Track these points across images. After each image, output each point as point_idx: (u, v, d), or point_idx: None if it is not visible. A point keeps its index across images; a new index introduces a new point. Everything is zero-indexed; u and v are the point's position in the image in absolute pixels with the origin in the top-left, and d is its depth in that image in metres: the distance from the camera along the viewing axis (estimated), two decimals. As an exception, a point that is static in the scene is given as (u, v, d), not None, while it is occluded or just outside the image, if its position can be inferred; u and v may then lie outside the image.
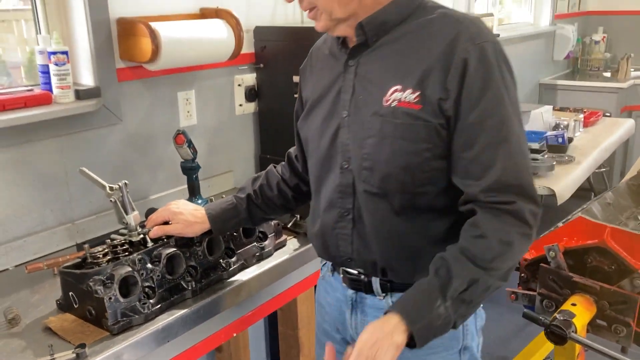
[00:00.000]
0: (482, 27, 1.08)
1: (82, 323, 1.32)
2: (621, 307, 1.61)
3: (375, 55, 1.13)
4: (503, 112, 1.05)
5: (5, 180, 1.61)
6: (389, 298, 1.21)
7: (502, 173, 1.04)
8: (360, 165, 1.13)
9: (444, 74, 1.04)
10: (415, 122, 1.06)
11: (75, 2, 1.70)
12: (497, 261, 1.04)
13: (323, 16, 1.11)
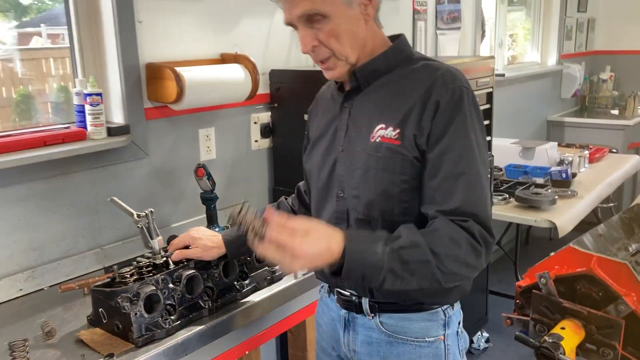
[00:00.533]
0: (457, 74, 1.23)
1: (110, 336, 1.47)
2: (608, 331, 1.71)
3: (366, 98, 1.29)
4: (463, 147, 1.19)
5: (43, 208, 1.79)
6: (377, 318, 1.33)
7: (462, 203, 1.16)
8: (350, 194, 1.29)
9: (420, 114, 1.19)
10: (394, 156, 1.21)
11: (110, 49, 1.90)
12: (443, 250, 1.13)
13: (340, 63, 1.24)
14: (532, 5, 5.02)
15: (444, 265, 1.13)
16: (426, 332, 1.32)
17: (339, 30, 1.20)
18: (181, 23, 2.06)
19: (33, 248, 1.78)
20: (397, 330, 1.33)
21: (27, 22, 2.05)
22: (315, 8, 1.18)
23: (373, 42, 1.27)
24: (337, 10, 1.19)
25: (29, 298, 1.75)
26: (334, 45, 1.22)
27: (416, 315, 1.32)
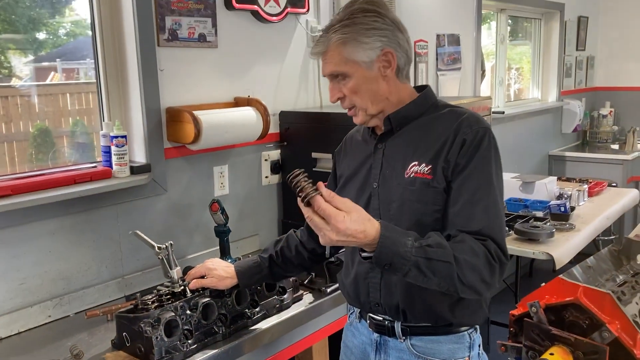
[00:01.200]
0: (479, 118, 1.40)
1: (133, 359, 1.61)
2: (594, 356, 1.83)
3: (398, 139, 1.46)
4: (482, 178, 1.34)
5: (71, 241, 1.95)
6: (409, 340, 1.47)
7: (482, 227, 1.31)
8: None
9: (448, 150, 1.36)
10: (427, 189, 1.37)
11: (134, 95, 2.09)
12: (463, 257, 1.26)
13: (360, 112, 1.43)
14: (532, 44, 5.22)
15: (463, 271, 1.26)
16: (453, 354, 1.46)
17: (359, 88, 1.40)
18: (198, 70, 2.25)
19: (61, 277, 1.94)
20: (426, 352, 1.46)
21: (43, 56, 2.16)
22: (338, 70, 1.39)
23: (398, 95, 1.44)
24: (357, 71, 1.38)
25: (57, 324, 1.90)
26: (354, 98, 1.41)
27: (444, 338, 1.45)
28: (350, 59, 1.37)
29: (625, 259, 2.45)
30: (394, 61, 1.40)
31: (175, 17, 2.13)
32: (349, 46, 1.37)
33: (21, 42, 2.07)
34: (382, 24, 1.38)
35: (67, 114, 2.23)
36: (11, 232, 1.80)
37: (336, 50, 1.38)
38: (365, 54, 1.37)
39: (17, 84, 2.07)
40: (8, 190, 1.75)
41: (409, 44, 1.44)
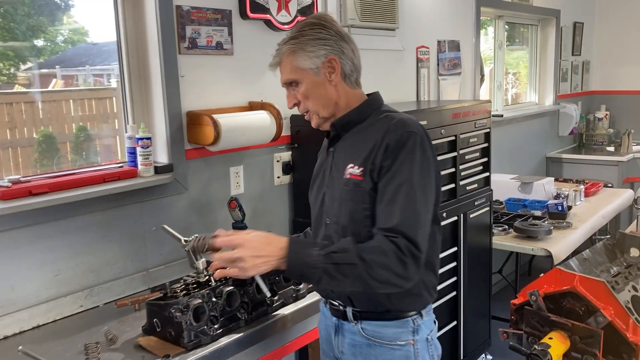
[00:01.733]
0: (408, 122, 1.53)
1: (164, 342, 1.74)
2: (589, 340, 1.97)
3: (343, 143, 1.62)
4: (403, 179, 1.46)
5: (100, 236, 2.08)
6: (359, 324, 1.62)
7: (396, 224, 1.43)
8: (332, 221, 1.60)
9: (375, 154, 1.50)
10: (358, 189, 1.53)
11: (157, 100, 2.23)
12: (370, 257, 1.40)
13: (314, 116, 1.61)
14: (529, 50, 5.38)
15: (373, 270, 1.40)
16: (398, 337, 1.59)
17: (309, 93, 1.57)
18: (216, 76, 2.39)
19: (91, 270, 2.07)
20: (374, 335, 1.61)
21: (42, 63, 2.22)
22: (290, 77, 1.58)
23: (347, 100, 1.60)
24: (306, 78, 1.55)
25: (88, 313, 2.03)
26: (307, 103, 1.59)
27: (390, 323, 1.60)
28: (299, 67, 1.55)
29: (619, 252, 2.59)
30: (338, 67, 1.55)
31: (194, 27, 2.27)
32: (297, 55, 1.54)
33: (20, 49, 2.13)
34: (326, 35, 1.54)
35: (69, 120, 2.30)
36: (47, 227, 1.94)
37: (287, 60, 1.56)
38: (311, 62, 1.54)
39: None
40: (45, 188, 1.88)
41: (355, 53, 1.60)
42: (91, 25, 2.33)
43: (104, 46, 2.44)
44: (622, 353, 1.95)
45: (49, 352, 1.71)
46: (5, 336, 1.84)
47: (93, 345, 1.64)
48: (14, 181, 1.85)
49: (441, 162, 2.86)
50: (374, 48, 3.16)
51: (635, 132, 5.58)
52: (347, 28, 2.95)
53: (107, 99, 2.45)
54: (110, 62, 2.44)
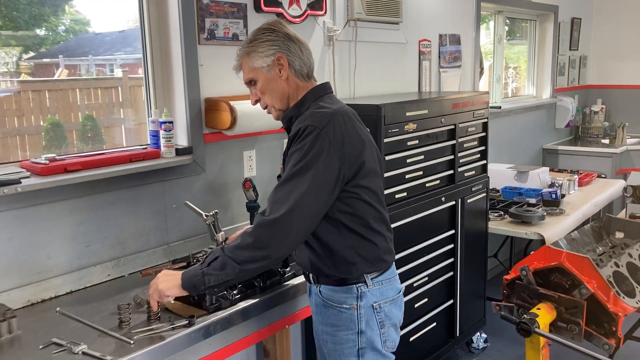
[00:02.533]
0: (315, 117, 1.67)
1: (187, 306, 1.92)
2: (574, 311, 2.16)
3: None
4: (291, 166, 1.64)
5: (126, 211, 2.26)
6: (319, 287, 1.84)
7: (269, 204, 1.67)
8: None
9: (289, 147, 1.70)
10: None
11: (178, 87, 2.40)
12: (231, 245, 1.66)
13: (272, 110, 1.82)
14: (528, 44, 5.54)
15: (235, 253, 1.63)
16: (344, 301, 1.79)
17: (265, 88, 1.79)
18: (232, 66, 2.55)
19: (118, 243, 2.25)
20: (328, 297, 1.82)
21: (44, 53, 2.29)
22: (249, 76, 1.81)
23: (296, 94, 1.80)
24: (260, 75, 1.78)
25: (115, 282, 2.21)
26: (265, 98, 1.81)
27: (338, 288, 1.80)
28: (254, 67, 1.77)
29: (606, 234, 2.78)
30: (286, 63, 1.75)
31: (213, 19, 2.45)
32: (251, 57, 1.77)
33: (23, 38, 2.19)
34: (275, 37, 1.75)
35: (76, 109, 2.40)
36: (80, 202, 2.11)
37: (244, 61, 1.80)
38: (263, 61, 1.75)
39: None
40: (79, 165, 2.06)
41: (302, 52, 1.79)
42: (94, 15, 2.41)
43: (106, 36, 2.54)
44: (603, 322, 2.15)
45: (83, 314, 1.89)
46: (43, 299, 2.03)
47: (125, 306, 1.82)
48: (51, 159, 2.03)
49: (441, 149, 3.03)
50: (378, 41, 3.33)
51: (629, 126, 5.76)
52: (353, 21, 3.13)
53: (113, 89, 2.55)
54: (113, 52, 2.57)
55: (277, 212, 1.62)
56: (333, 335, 1.82)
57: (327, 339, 1.84)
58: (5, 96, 2.21)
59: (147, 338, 1.72)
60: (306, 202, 1.62)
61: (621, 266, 2.33)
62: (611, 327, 2.12)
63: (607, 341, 2.12)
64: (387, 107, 2.63)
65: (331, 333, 1.82)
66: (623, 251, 2.48)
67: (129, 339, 1.70)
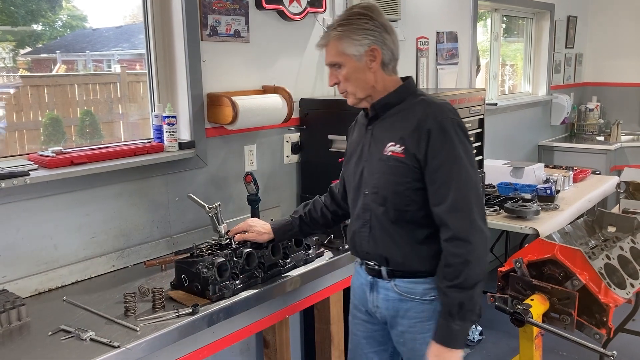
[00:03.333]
0: (444, 108, 1.73)
1: (191, 295, 1.98)
2: (566, 301, 2.22)
3: (382, 123, 1.82)
4: (452, 161, 1.67)
5: (130, 203, 2.32)
6: (393, 281, 1.83)
7: (448, 207, 1.66)
8: (371, 191, 1.81)
9: (417, 137, 1.69)
10: (400, 164, 1.72)
11: (181, 82, 2.45)
12: (466, 277, 1.64)
13: (350, 96, 1.81)
14: (524, 42, 5.60)
15: (473, 277, 1.65)
16: (427, 293, 1.79)
17: (350, 76, 1.76)
18: (233, 62, 2.62)
19: (122, 234, 2.30)
20: (406, 291, 1.81)
21: (41, 48, 2.28)
22: (334, 60, 1.76)
23: (384, 85, 1.79)
24: (349, 62, 1.74)
25: (119, 272, 2.26)
26: (346, 85, 1.78)
27: (421, 280, 1.79)
28: (344, 52, 1.73)
29: (598, 228, 2.85)
30: (379, 56, 1.74)
31: (215, 16, 2.49)
32: (343, 41, 1.72)
33: (19, 33, 2.18)
34: (372, 26, 1.73)
35: (75, 105, 2.40)
36: (85, 194, 2.17)
37: (334, 44, 1.74)
38: (356, 49, 1.72)
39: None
40: (85, 158, 2.11)
41: (395, 44, 1.79)
42: (91, 11, 2.41)
43: (104, 32, 2.57)
44: (594, 313, 2.21)
45: (89, 302, 1.95)
46: (50, 289, 2.08)
47: (131, 294, 1.88)
48: (57, 152, 2.08)
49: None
50: (377, 38, 3.39)
51: (624, 123, 5.84)
52: (352, 19, 3.17)
53: (112, 84, 2.58)
54: (110, 47, 2.60)
55: (475, 217, 1.66)
56: (418, 331, 1.81)
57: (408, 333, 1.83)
58: (4, 91, 2.23)
59: (153, 325, 1.77)
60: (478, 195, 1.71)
61: (612, 259, 2.40)
62: (602, 318, 2.18)
63: (598, 331, 2.18)
64: (386, 103, 2.68)
65: (411, 326, 1.82)
66: (614, 244, 2.55)
67: (134, 326, 1.75)
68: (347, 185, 1.97)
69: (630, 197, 3.62)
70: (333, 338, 2.57)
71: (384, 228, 1.79)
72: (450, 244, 1.66)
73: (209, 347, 1.93)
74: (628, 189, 3.65)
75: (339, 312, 2.56)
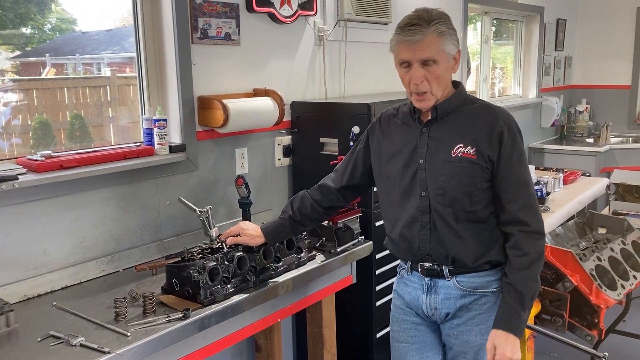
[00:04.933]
0: (507, 113, 1.80)
1: (182, 300, 1.96)
2: (557, 303, 2.23)
3: (442, 125, 1.81)
4: (522, 163, 1.76)
5: (121, 207, 2.30)
6: (454, 278, 1.84)
7: (523, 205, 1.74)
8: (435, 193, 1.80)
9: (489, 139, 1.74)
10: (473, 166, 1.75)
11: (171, 85, 2.44)
12: (539, 267, 1.75)
13: (431, 97, 1.75)
14: (514, 45, 5.63)
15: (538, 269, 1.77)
16: (489, 285, 1.84)
17: (441, 75, 1.74)
18: (224, 64, 2.61)
19: (113, 239, 2.28)
20: (469, 286, 1.84)
21: (31, 52, 2.26)
22: (433, 56, 1.70)
23: (449, 87, 1.82)
24: (445, 61, 1.73)
25: (110, 277, 2.24)
26: (434, 84, 1.73)
27: (483, 273, 1.83)
28: (445, 50, 1.71)
29: (589, 229, 2.86)
30: (458, 62, 1.79)
31: (206, 19, 2.48)
32: (445, 39, 1.71)
33: (8, 36, 2.16)
34: (455, 32, 1.77)
35: (64, 109, 2.37)
36: (75, 198, 2.15)
37: (433, 40, 1.69)
38: (451, 49, 1.73)
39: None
40: (74, 162, 2.09)
41: None
42: (81, 14, 2.39)
43: (94, 35, 2.54)
44: (586, 314, 2.22)
45: (79, 308, 1.93)
46: (39, 294, 2.06)
47: (121, 299, 1.86)
48: (47, 156, 2.06)
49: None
50: (368, 41, 3.39)
51: (613, 125, 5.88)
52: (343, 21, 3.18)
53: (101, 88, 2.56)
54: (100, 51, 2.58)
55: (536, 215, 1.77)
56: (475, 323, 1.84)
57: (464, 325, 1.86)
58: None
59: (143, 330, 1.75)
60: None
61: (603, 260, 2.41)
62: (593, 319, 2.19)
63: (589, 332, 2.19)
64: (377, 105, 2.68)
65: (471, 318, 1.84)
66: (605, 246, 2.56)
67: (125, 331, 1.73)
68: (385, 186, 1.94)
69: (620, 199, 3.64)
70: (325, 342, 2.56)
71: (449, 228, 1.81)
72: (531, 237, 1.74)
73: (200, 351, 1.91)
74: (618, 191, 3.67)
75: (331, 315, 2.55)
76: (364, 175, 2.02)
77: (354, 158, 2.04)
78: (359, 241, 2.53)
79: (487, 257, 1.81)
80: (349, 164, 2.05)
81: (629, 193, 3.72)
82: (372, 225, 2.70)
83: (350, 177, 2.04)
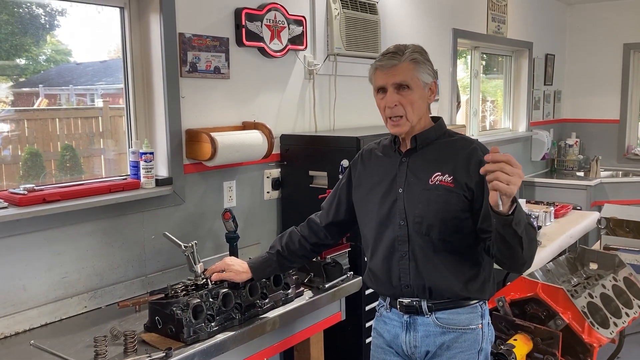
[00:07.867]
0: (484, 145, 1.81)
1: (165, 338, 1.91)
2: (549, 341, 2.18)
3: (420, 156, 1.82)
4: None
5: (104, 242, 2.25)
6: (433, 315, 1.81)
7: None
8: (413, 221, 1.79)
9: (467, 168, 1.74)
10: (450, 193, 1.74)
11: (159, 118, 2.42)
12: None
13: (406, 123, 1.78)
14: (504, 79, 5.69)
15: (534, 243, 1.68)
16: (470, 322, 1.80)
17: (415, 101, 1.77)
18: (213, 97, 2.60)
19: (96, 274, 2.23)
20: (448, 322, 1.80)
21: (24, 82, 2.26)
22: (407, 80, 1.76)
23: (425, 119, 1.84)
24: (418, 88, 1.77)
25: (92, 314, 2.19)
26: (408, 109, 1.77)
27: (462, 310, 1.80)
28: (418, 78, 1.77)
29: (580, 265, 2.83)
30: (435, 92, 1.82)
31: (195, 52, 2.48)
32: (419, 67, 1.77)
33: (3, 67, 2.17)
34: (430, 64, 1.81)
35: (55, 139, 2.34)
36: (57, 232, 2.10)
37: (408, 66, 1.76)
38: (426, 77, 1.78)
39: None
40: (57, 196, 2.05)
41: None
42: (75, 45, 2.41)
43: (88, 66, 2.54)
44: (578, 353, 2.17)
45: (58, 346, 1.87)
46: (17, 332, 1.99)
47: (101, 338, 1.80)
48: (29, 189, 2.02)
49: (419, 181, 3.07)
50: (357, 75, 3.40)
51: (603, 159, 5.90)
52: (333, 56, 3.19)
53: (93, 119, 2.54)
54: (94, 82, 2.57)
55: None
56: (455, 358, 1.80)
57: None
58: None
59: (123, 371, 1.70)
60: None
61: (595, 297, 2.37)
62: (586, 358, 2.15)
63: (582, 372, 2.14)
64: (367, 139, 2.67)
65: (452, 357, 1.80)
66: (597, 282, 2.53)
67: (104, 372, 1.68)
68: (364, 217, 1.93)
69: (611, 233, 3.63)
70: (313, 380, 2.49)
71: (426, 258, 1.79)
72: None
73: (182, 392, 1.85)
74: (609, 225, 3.65)
75: (319, 353, 2.49)
76: (348, 210, 2.01)
77: (338, 194, 2.04)
78: (347, 277, 2.49)
79: (465, 293, 1.79)
80: (334, 200, 2.04)
81: (619, 227, 3.70)
82: (361, 260, 2.66)
83: (336, 213, 2.03)
